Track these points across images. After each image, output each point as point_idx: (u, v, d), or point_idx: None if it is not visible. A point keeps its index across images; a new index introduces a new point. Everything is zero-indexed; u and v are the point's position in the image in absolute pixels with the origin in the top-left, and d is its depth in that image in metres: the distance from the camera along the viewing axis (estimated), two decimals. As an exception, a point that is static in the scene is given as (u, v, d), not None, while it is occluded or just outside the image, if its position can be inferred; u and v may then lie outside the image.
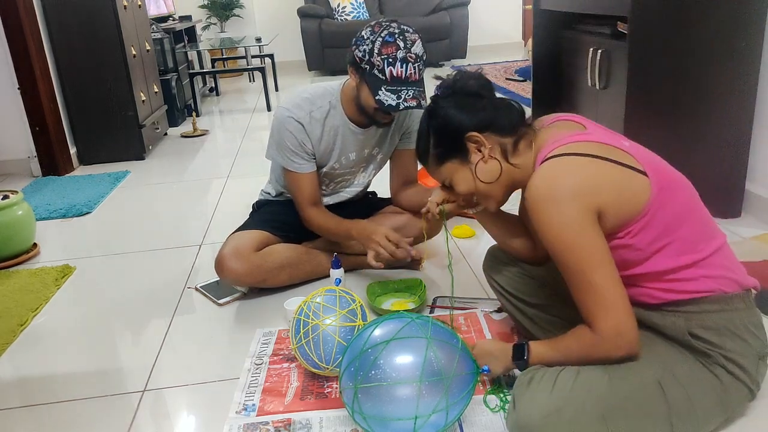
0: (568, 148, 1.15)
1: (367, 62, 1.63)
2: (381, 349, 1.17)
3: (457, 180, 1.28)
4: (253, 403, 1.39)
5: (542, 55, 3.00)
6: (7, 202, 2.26)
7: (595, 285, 1.09)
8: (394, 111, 1.65)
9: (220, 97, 5.90)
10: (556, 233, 1.09)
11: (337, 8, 6.49)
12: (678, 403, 1.10)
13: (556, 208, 1.08)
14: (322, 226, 1.87)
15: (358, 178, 1.99)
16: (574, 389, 1.10)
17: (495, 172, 1.24)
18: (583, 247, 1.09)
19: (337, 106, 1.81)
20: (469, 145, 1.24)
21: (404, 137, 1.95)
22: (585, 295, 1.10)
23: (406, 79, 1.62)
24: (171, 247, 2.38)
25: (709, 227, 1.18)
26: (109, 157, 3.66)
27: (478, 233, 2.28)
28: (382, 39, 1.61)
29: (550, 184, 1.10)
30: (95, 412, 1.44)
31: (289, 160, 1.81)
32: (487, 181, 1.25)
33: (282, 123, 1.78)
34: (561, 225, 1.09)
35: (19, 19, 3.17)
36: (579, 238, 1.08)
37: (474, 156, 1.24)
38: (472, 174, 1.26)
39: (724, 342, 1.13)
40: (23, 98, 3.30)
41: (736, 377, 1.13)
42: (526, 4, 7.06)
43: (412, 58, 1.62)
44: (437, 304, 1.79)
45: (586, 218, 1.08)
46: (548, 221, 1.10)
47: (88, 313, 1.92)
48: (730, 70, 2.08)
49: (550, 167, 1.13)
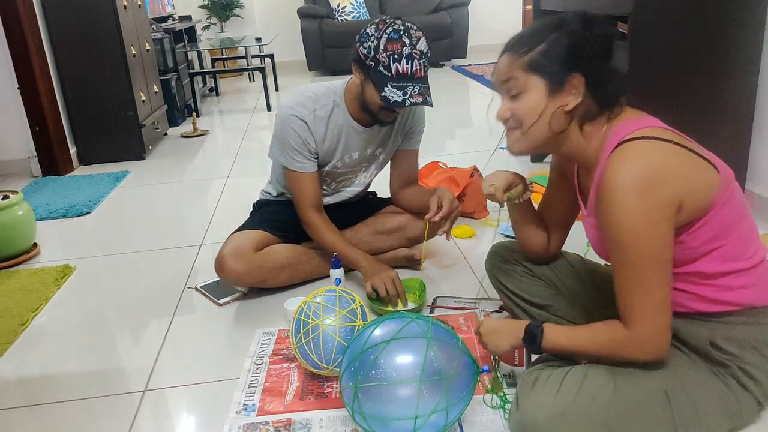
0: (651, 132, 1.06)
1: (372, 59, 1.62)
2: (381, 349, 1.17)
3: (526, 99, 1.14)
4: (253, 403, 1.39)
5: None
6: (7, 202, 2.26)
7: (648, 285, 1.04)
8: (400, 107, 1.64)
9: (220, 97, 5.90)
10: (629, 222, 1.01)
11: (337, 8, 6.49)
12: (683, 412, 1.09)
13: (641, 195, 1.00)
14: (325, 236, 1.84)
15: (359, 177, 1.99)
16: (579, 394, 1.09)
17: (560, 125, 1.13)
18: (652, 244, 1.02)
19: (340, 104, 1.81)
20: (566, 84, 1.10)
21: (407, 137, 1.95)
22: (633, 291, 1.05)
23: (411, 75, 1.62)
24: (171, 247, 2.38)
25: (755, 235, 1.14)
26: (109, 157, 3.66)
27: (478, 233, 2.28)
28: (388, 36, 1.61)
29: (640, 169, 1.01)
30: (96, 412, 1.44)
31: (292, 159, 1.81)
32: (546, 124, 1.13)
33: (285, 121, 1.78)
34: (638, 215, 1.01)
35: (19, 19, 3.17)
36: (652, 232, 1.02)
37: (561, 96, 1.11)
38: (543, 108, 1.12)
39: (745, 354, 1.11)
40: (23, 98, 3.30)
41: (746, 389, 1.12)
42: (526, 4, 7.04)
43: (417, 54, 1.62)
44: (437, 304, 1.79)
45: (666, 212, 1.02)
46: (626, 207, 1.01)
47: (88, 313, 1.92)
48: (730, 70, 2.08)
49: (640, 151, 1.04)
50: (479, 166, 2.57)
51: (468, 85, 5.58)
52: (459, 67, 6.44)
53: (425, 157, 2.89)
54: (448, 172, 2.54)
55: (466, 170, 2.50)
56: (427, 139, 2.06)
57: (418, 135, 1.97)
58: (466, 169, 2.51)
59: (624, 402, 1.09)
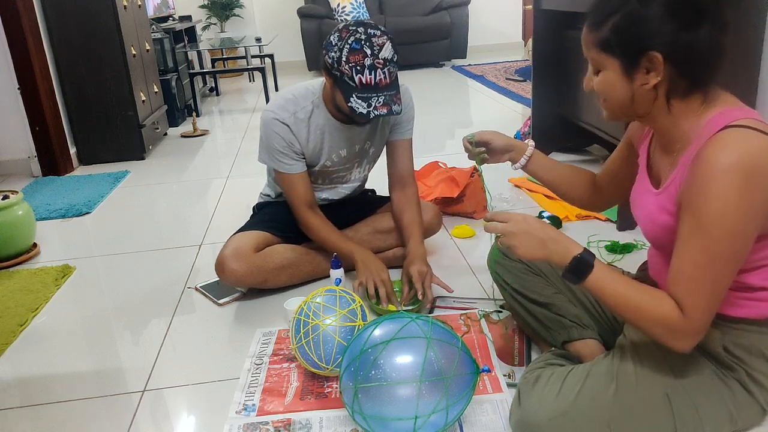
0: (753, 123, 0.98)
1: (336, 69, 1.63)
2: (381, 349, 1.17)
3: (604, 77, 1.08)
4: (253, 403, 1.39)
5: (542, 55, 3.00)
6: (7, 202, 2.26)
7: (720, 278, 0.99)
8: (365, 119, 1.66)
9: (220, 97, 5.90)
10: (726, 209, 0.94)
11: (337, 8, 6.49)
12: (684, 415, 1.09)
13: (746, 185, 0.93)
14: (321, 232, 1.85)
15: (353, 173, 1.99)
16: (580, 395, 1.09)
17: (646, 102, 1.06)
18: (738, 240, 0.97)
19: (320, 105, 1.81)
20: (641, 61, 1.02)
21: (394, 128, 1.93)
22: (703, 281, 0.98)
23: (375, 85, 1.62)
24: (171, 247, 2.38)
25: None
26: (109, 157, 3.66)
27: (478, 233, 2.28)
28: (349, 46, 1.60)
29: (752, 158, 0.93)
30: (95, 412, 1.44)
31: (279, 162, 1.81)
32: (628, 100, 1.07)
33: (268, 125, 1.79)
34: (737, 204, 0.94)
35: (19, 19, 3.17)
36: (743, 228, 0.96)
37: (639, 75, 1.03)
38: (620, 86, 1.06)
39: (753, 361, 1.10)
40: (23, 98, 3.30)
41: (752, 394, 1.11)
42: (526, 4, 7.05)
43: (381, 63, 1.61)
44: (437, 304, 1.79)
45: (761, 210, 0.96)
46: (728, 193, 0.94)
47: (88, 313, 1.92)
48: (730, 70, 2.07)
49: (753, 140, 0.95)
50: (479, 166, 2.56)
51: (468, 85, 5.58)
52: (459, 67, 6.44)
53: (425, 157, 2.90)
54: (448, 172, 2.54)
55: (466, 170, 2.50)
56: (427, 139, 2.06)
57: (407, 123, 1.93)
58: (466, 169, 2.51)
59: (625, 403, 1.09)
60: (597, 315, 1.42)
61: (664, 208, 1.10)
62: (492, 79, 5.60)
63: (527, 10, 7.08)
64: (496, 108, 4.56)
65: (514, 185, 2.77)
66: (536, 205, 2.53)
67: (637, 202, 1.21)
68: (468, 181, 2.42)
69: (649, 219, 1.14)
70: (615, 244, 2.06)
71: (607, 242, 2.09)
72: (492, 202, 2.54)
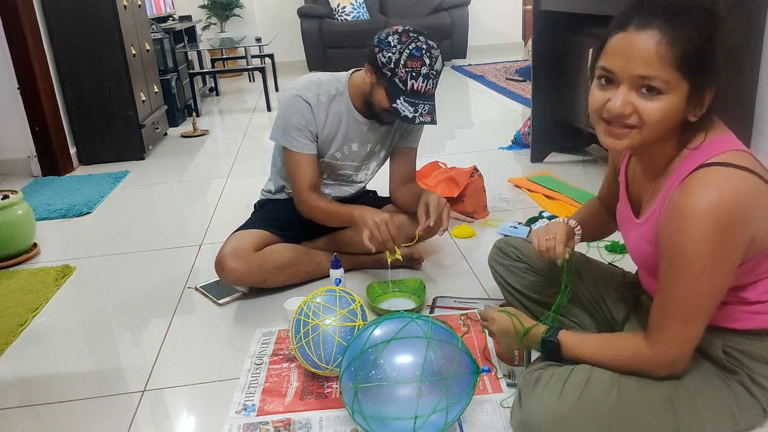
0: (739, 158, 0.96)
1: (389, 69, 1.66)
2: (381, 349, 1.17)
3: (665, 103, 0.96)
4: (253, 403, 1.39)
5: (542, 56, 3.00)
6: (7, 202, 2.26)
7: (692, 317, 1.01)
8: (409, 123, 1.70)
9: (220, 97, 5.89)
10: (698, 253, 0.94)
11: (337, 8, 6.49)
12: (687, 420, 1.09)
13: (719, 231, 0.93)
14: (323, 209, 1.82)
15: (359, 174, 1.99)
16: (581, 399, 1.08)
17: (671, 132, 1.01)
18: (713, 281, 0.98)
19: (344, 93, 1.84)
20: (708, 89, 0.97)
21: (404, 135, 1.97)
22: (674, 317, 1.02)
23: (424, 93, 1.68)
24: (171, 247, 2.37)
25: None
26: (109, 157, 3.65)
27: (478, 233, 2.28)
28: (410, 52, 1.65)
29: (726, 205, 0.93)
30: (95, 412, 1.44)
31: (293, 139, 1.81)
32: (670, 130, 1.00)
33: (289, 101, 1.81)
34: (710, 249, 0.94)
35: (18, 19, 3.17)
36: (717, 269, 0.96)
37: (696, 104, 0.97)
38: (677, 113, 0.97)
39: (754, 365, 1.11)
40: (23, 98, 3.30)
41: (753, 396, 1.11)
42: (526, 5, 7.05)
43: (434, 74, 1.68)
44: (437, 304, 1.79)
45: (737, 250, 0.96)
46: (700, 238, 0.94)
47: (88, 313, 1.92)
48: (729, 71, 2.07)
49: (729, 181, 0.94)
50: (479, 166, 2.57)
51: (468, 85, 5.58)
52: (459, 67, 6.44)
53: (425, 157, 2.90)
54: (448, 172, 2.54)
55: (466, 170, 2.50)
56: (427, 139, 2.06)
57: (417, 133, 1.98)
58: (466, 169, 2.51)
59: (627, 409, 1.08)
60: (597, 315, 1.42)
61: (646, 239, 1.12)
62: (492, 79, 5.60)
63: (527, 10, 7.08)
64: (496, 108, 4.56)
65: (514, 185, 2.77)
66: (536, 205, 2.53)
67: (621, 225, 1.25)
68: (468, 181, 2.42)
69: (634, 247, 1.18)
70: (615, 244, 2.06)
71: (607, 242, 2.09)
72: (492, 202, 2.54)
